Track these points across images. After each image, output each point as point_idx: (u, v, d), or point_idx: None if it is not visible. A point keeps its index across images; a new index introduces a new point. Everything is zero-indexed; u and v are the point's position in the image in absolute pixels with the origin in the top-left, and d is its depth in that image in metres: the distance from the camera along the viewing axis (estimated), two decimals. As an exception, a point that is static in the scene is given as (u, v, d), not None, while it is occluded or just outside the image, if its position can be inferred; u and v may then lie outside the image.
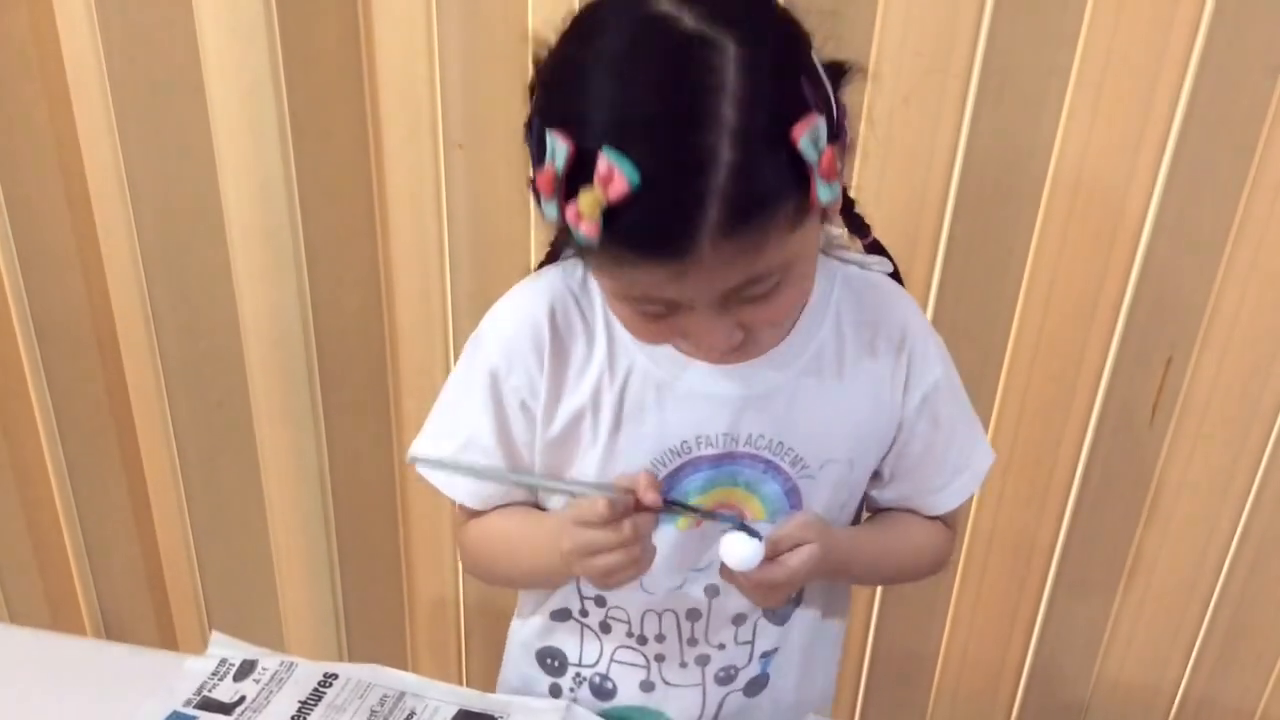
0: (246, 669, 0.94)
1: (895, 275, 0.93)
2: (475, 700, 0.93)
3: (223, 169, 1.31)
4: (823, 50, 0.72)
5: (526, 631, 1.02)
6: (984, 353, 1.30)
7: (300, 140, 1.29)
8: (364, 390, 1.45)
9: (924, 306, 1.27)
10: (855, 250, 0.91)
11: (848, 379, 0.87)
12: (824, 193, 0.69)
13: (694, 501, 0.87)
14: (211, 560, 1.61)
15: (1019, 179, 1.20)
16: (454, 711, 0.92)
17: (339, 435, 1.49)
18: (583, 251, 0.73)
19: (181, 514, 1.57)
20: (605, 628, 0.97)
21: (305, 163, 1.30)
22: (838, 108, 0.72)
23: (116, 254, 1.39)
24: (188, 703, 0.91)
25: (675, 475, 0.87)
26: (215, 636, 0.98)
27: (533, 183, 0.71)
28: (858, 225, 0.88)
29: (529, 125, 0.72)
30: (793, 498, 0.89)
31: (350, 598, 1.62)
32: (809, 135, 0.67)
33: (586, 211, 0.67)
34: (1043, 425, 1.33)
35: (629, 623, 0.96)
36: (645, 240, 0.68)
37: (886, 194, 1.22)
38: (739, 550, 0.82)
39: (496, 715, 0.92)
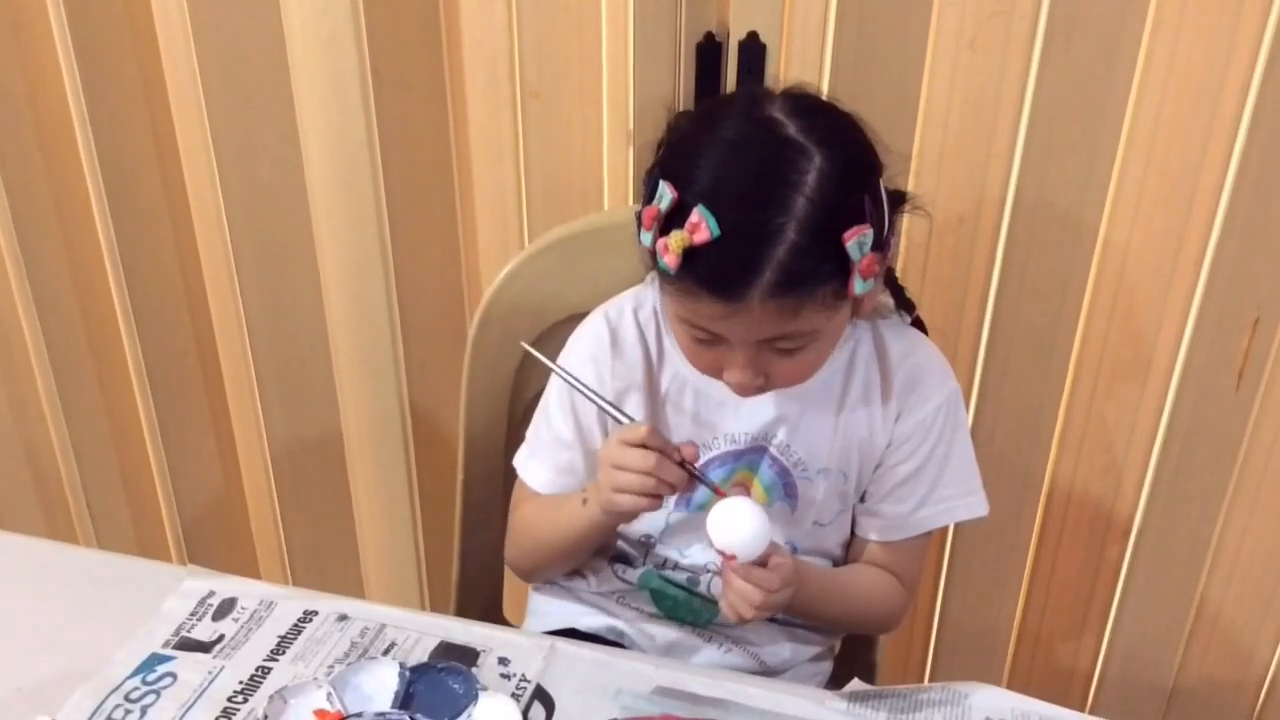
0: (225, 608, 0.94)
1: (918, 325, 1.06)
2: (457, 633, 0.93)
3: (303, 120, 1.36)
4: (893, 181, 0.91)
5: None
6: (1056, 314, 1.25)
7: (380, 90, 1.33)
8: (443, 340, 1.49)
9: (991, 263, 1.24)
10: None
11: (850, 403, 1.01)
12: (859, 286, 0.87)
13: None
14: (294, 513, 1.66)
15: (1091, 128, 1.16)
16: (435, 643, 0.91)
17: (419, 387, 1.53)
18: (661, 277, 0.89)
19: (266, 468, 1.63)
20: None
21: (385, 113, 1.34)
22: (889, 226, 0.89)
23: (202, 205, 1.45)
24: (166, 644, 0.90)
25: (706, 466, 1.02)
26: (191, 570, 0.98)
27: (639, 215, 0.90)
28: (905, 303, 1.04)
29: (650, 172, 0.91)
30: (789, 490, 1.02)
31: (431, 548, 1.66)
32: (857, 241, 0.85)
33: (673, 247, 0.85)
34: (1120, 391, 1.28)
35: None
36: (710, 282, 0.86)
37: (951, 145, 1.19)
38: (750, 522, 0.86)
39: (478, 648, 0.91)
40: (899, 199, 0.92)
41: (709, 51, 1.21)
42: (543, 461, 1.05)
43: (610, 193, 1.33)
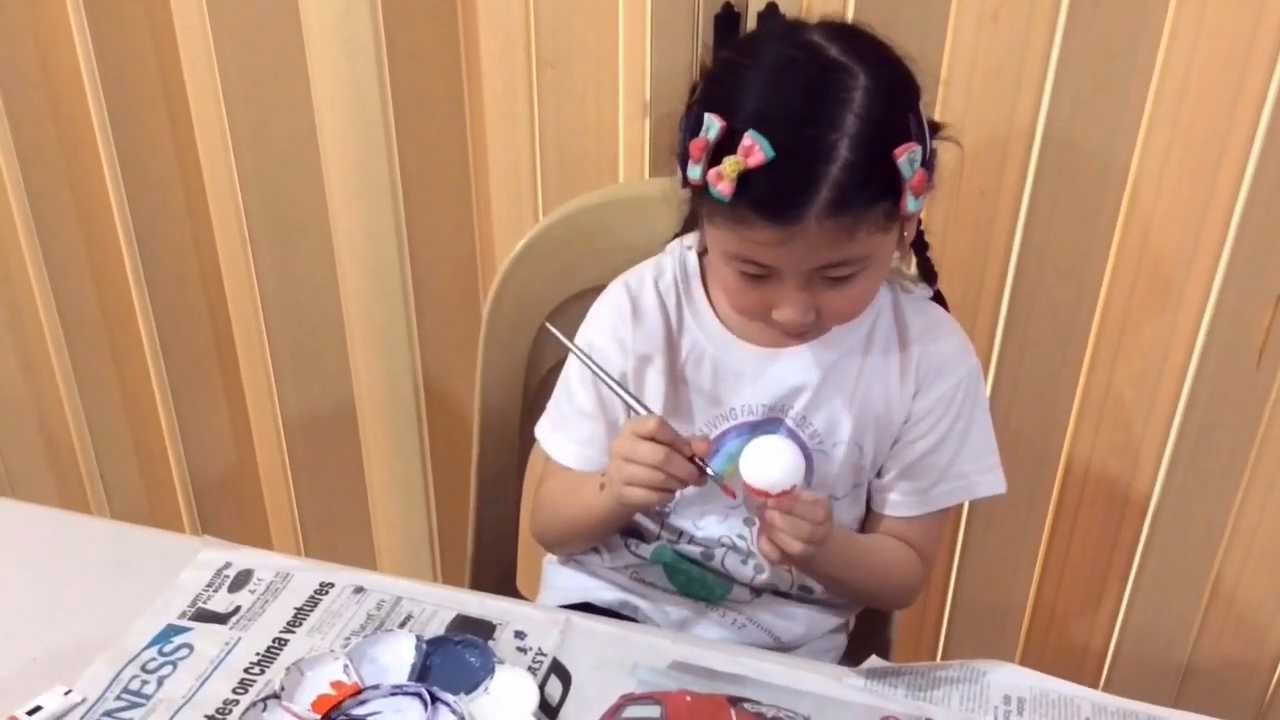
0: (242, 580, 0.94)
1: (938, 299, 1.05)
2: (474, 606, 0.93)
3: (317, 92, 1.35)
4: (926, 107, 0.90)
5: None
6: (1077, 288, 1.24)
7: (395, 61, 1.32)
8: (457, 313, 1.48)
9: (1011, 239, 1.23)
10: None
11: (868, 376, 1.00)
12: (911, 204, 0.86)
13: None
14: (307, 484, 1.66)
15: (1116, 101, 1.14)
16: (451, 616, 0.91)
17: (432, 358, 1.52)
18: (712, 210, 0.88)
19: (279, 439, 1.63)
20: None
21: (399, 85, 1.33)
22: (931, 150, 0.89)
23: (215, 175, 1.45)
24: (182, 615, 0.90)
25: (723, 436, 1.01)
26: (206, 541, 0.98)
27: (682, 154, 0.88)
28: (927, 270, 1.03)
29: (687, 111, 0.89)
30: (805, 463, 0.97)
31: (444, 521, 1.66)
32: (908, 157, 0.84)
33: (727, 173, 0.83)
34: (1139, 369, 1.27)
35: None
36: (767, 205, 0.84)
37: (972, 117, 1.18)
38: (784, 456, 0.86)
39: (494, 622, 0.91)
40: (934, 127, 0.91)
41: (727, 22, 1.20)
42: (565, 434, 1.05)
43: (626, 165, 1.32)
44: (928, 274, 1.03)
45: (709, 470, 0.90)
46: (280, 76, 1.35)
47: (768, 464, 0.87)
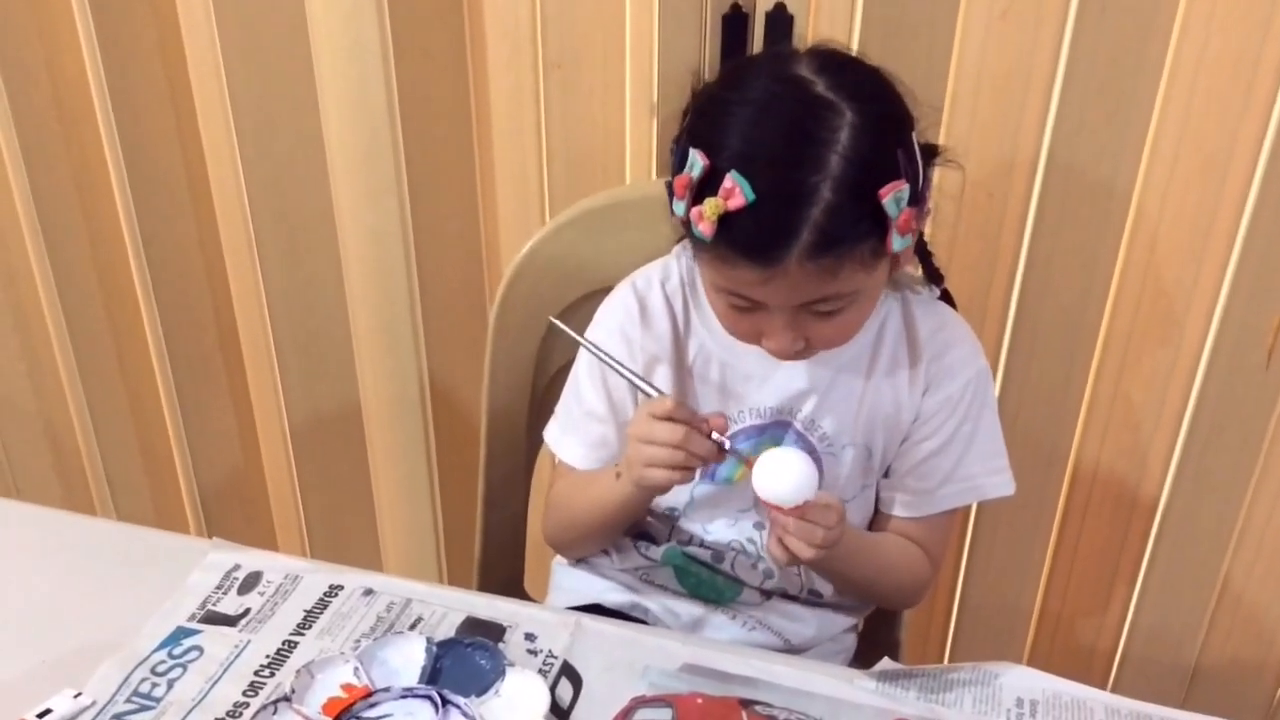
0: (251, 582, 0.94)
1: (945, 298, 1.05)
2: (483, 608, 0.92)
3: (323, 92, 1.35)
4: (924, 134, 0.89)
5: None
6: (1086, 288, 1.24)
7: (401, 62, 1.32)
8: (463, 315, 1.48)
9: (1019, 239, 1.23)
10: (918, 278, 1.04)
11: (876, 377, 1.00)
12: (897, 243, 0.85)
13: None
14: (313, 487, 1.66)
15: (1125, 99, 1.14)
16: (461, 618, 0.91)
17: (438, 360, 1.52)
18: (696, 245, 0.89)
19: (285, 442, 1.63)
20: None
21: (405, 85, 1.33)
22: (924, 180, 0.88)
23: (221, 176, 1.44)
24: (192, 617, 0.90)
25: (731, 439, 0.98)
26: (215, 543, 0.98)
27: (670, 184, 0.89)
28: (933, 274, 1.02)
29: (677, 140, 0.90)
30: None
31: (450, 523, 1.66)
32: (893, 196, 0.83)
33: (708, 214, 0.84)
34: (1148, 367, 1.27)
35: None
36: (747, 246, 0.84)
37: (980, 118, 1.17)
38: (798, 470, 0.85)
39: (505, 624, 0.91)
40: (931, 152, 0.90)
41: (735, 22, 1.20)
42: (575, 436, 1.05)
43: (633, 166, 1.32)
44: (933, 276, 1.02)
45: (728, 446, 0.90)
46: (286, 77, 1.34)
47: (782, 478, 0.86)
